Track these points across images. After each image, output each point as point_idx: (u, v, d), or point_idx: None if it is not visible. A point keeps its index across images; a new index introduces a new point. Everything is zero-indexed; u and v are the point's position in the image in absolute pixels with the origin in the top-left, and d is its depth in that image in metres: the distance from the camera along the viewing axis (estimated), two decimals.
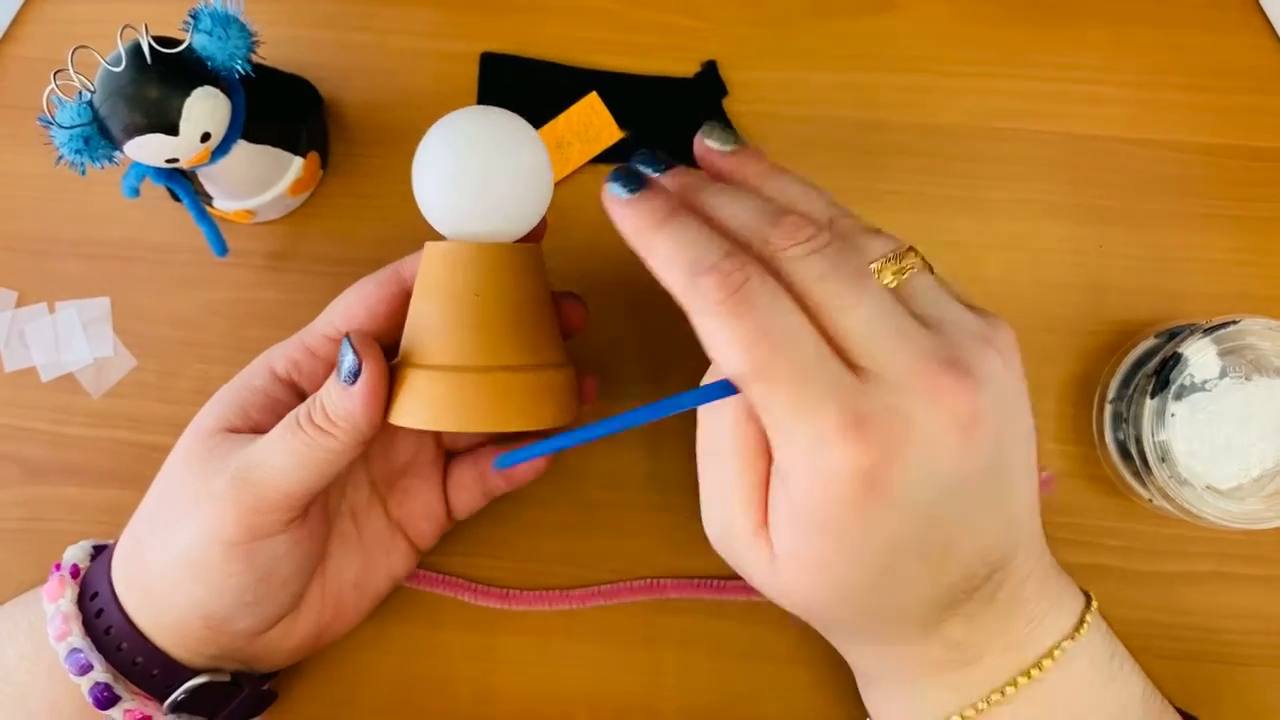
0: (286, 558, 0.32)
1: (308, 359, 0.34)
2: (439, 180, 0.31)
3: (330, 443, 0.30)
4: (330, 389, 0.31)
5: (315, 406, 0.31)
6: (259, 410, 0.33)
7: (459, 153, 0.31)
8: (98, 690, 0.32)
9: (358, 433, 0.30)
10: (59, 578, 0.34)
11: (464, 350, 0.31)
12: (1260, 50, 0.43)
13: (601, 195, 0.29)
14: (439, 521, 0.37)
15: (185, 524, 0.31)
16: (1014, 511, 0.28)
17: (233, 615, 0.32)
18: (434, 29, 0.44)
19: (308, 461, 0.30)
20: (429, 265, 0.32)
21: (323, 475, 0.31)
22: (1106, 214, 0.42)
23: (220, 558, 0.31)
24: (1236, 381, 0.36)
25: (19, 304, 0.42)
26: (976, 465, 0.26)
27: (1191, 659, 0.39)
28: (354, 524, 0.36)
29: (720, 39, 0.43)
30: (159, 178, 0.36)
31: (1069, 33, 0.43)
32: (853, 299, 0.26)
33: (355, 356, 0.30)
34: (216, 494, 0.31)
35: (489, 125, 0.31)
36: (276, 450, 0.31)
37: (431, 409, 0.30)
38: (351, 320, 0.34)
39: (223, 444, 0.32)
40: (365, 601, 0.37)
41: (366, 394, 0.30)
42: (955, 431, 0.25)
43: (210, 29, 0.33)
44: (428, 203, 0.32)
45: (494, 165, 0.31)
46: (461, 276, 0.31)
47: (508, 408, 0.30)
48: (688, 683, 0.39)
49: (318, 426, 0.30)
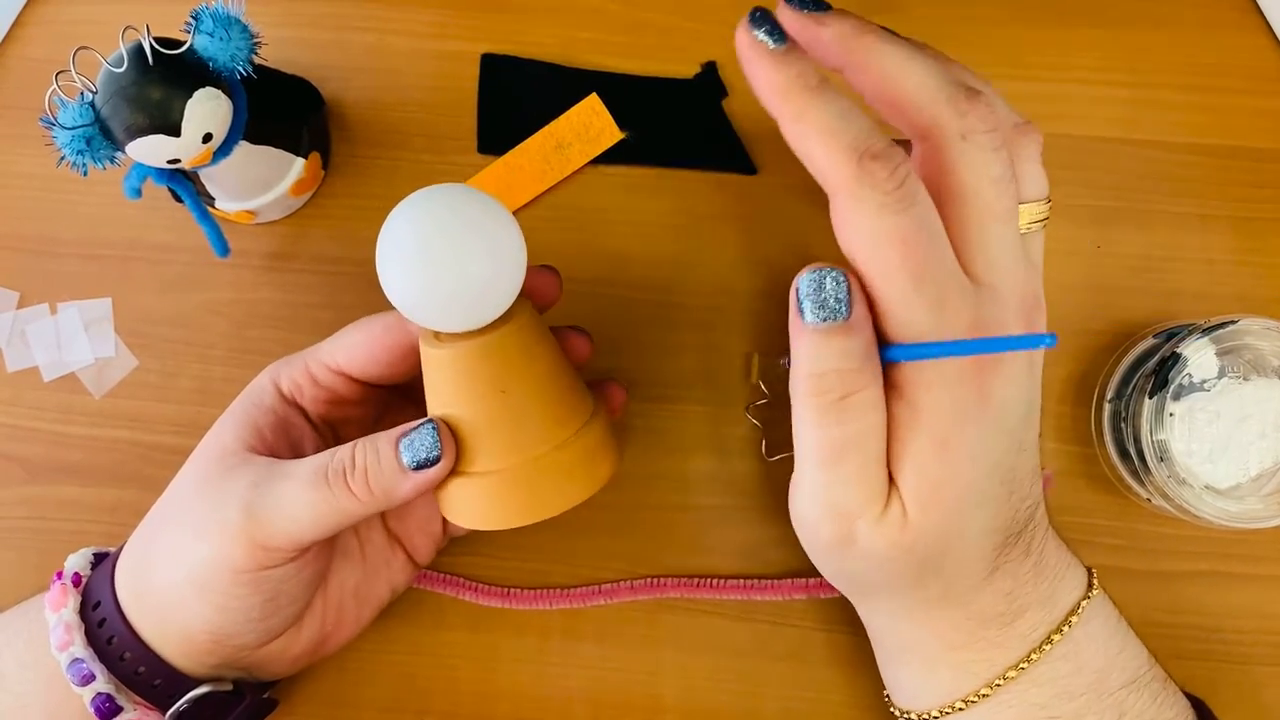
0: (293, 580, 0.32)
1: (310, 384, 0.34)
2: (415, 273, 0.28)
3: (355, 507, 0.30)
4: (380, 460, 0.30)
5: (354, 469, 0.30)
6: (272, 431, 0.33)
7: (430, 242, 0.28)
8: (100, 701, 0.32)
9: (388, 504, 0.30)
10: (61, 586, 0.33)
11: (507, 449, 0.30)
12: (1258, 50, 0.43)
13: (737, 37, 0.26)
14: (435, 537, 0.37)
15: (197, 546, 0.31)
16: (1028, 467, 0.30)
17: (238, 632, 0.32)
18: (434, 29, 0.44)
19: (324, 517, 0.30)
20: (438, 369, 0.30)
21: (335, 528, 0.31)
22: (1105, 214, 0.42)
23: (229, 583, 0.31)
24: (1235, 381, 0.36)
25: (21, 304, 0.42)
26: (1032, 399, 0.29)
27: (1190, 658, 0.39)
28: (356, 537, 0.36)
29: (720, 40, 0.44)
30: (161, 178, 0.36)
31: (1067, 33, 0.43)
32: (1008, 213, 0.27)
33: (438, 448, 0.30)
34: (228, 525, 0.30)
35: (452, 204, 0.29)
36: (296, 500, 0.30)
37: (497, 510, 0.30)
38: (354, 360, 0.33)
39: (239, 467, 0.32)
40: (366, 611, 0.36)
41: (423, 484, 0.30)
42: (1029, 364, 0.28)
43: (212, 30, 0.33)
44: (403, 297, 0.29)
45: (472, 250, 0.28)
46: (483, 376, 0.30)
47: (570, 485, 0.31)
48: (688, 683, 0.39)
49: (348, 490, 0.30)
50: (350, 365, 0.33)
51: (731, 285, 0.41)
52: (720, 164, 0.42)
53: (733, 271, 0.42)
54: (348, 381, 0.34)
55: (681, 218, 0.42)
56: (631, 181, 0.43)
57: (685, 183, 0.42)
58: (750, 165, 0.42)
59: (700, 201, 0.42)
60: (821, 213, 0.42)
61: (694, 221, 0.42)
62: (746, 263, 0.42)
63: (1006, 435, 0.28)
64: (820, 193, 0.44)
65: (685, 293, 0.42)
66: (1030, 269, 0.28)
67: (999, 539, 0.29)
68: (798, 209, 0.42)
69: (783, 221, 0.42)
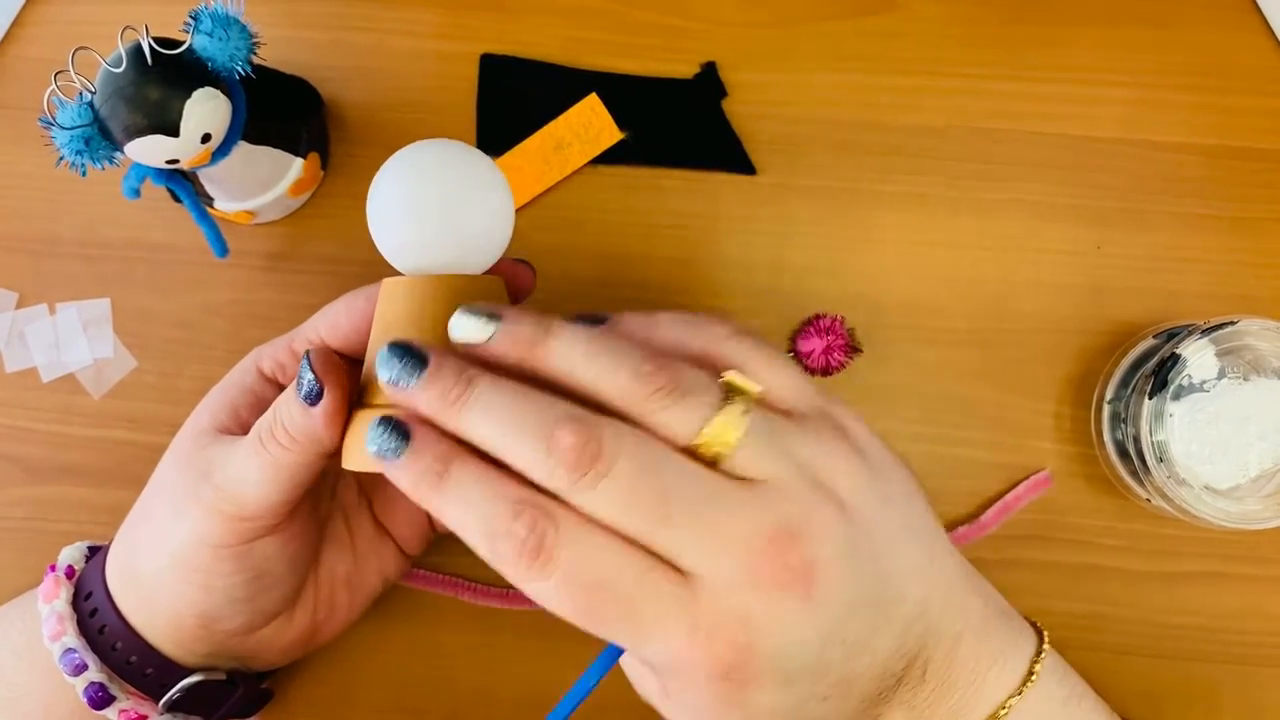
0: (276, 558, 0.32)
1: (292, 362, 0.34)
2: (394, 213, 0.30)
3: (293, 457, 0.30)
4: (290, 407, 0.29)
5: (276, 423, 0.30)
6: (248, 410, 0.33)
7: (414, 181, 0.30)
8: (92, 690, 0.32)
9: (319, 446, 0.30)
10: (54, 578, 0.34)
11: None
12: (1258, 51, 0.43)
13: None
14: (422, 529, 0.37)
15: (177, 526, 0.31)
16: (914, 598, 0.27)
17: (225, 614, 0.32)
18: (434, 29, 0.44)
19: (276, 474, 0.30)
20: (391, 301, 0.30)
21: (295, 484, 0.30)
22: (1104, 215, 0.42)
23: (211, 559, 0.31)
24: (1234, 382, 0.36)
25: (20, 305, 0.42)
26: (837, 608, 0.25)
27: (1190, 659, 0.39)
28: (345, 523, 0.36)
29: (720, 40, 0.44)
30: (159, 179, 0.36)
31: (1067, 33, 0.43)
32: (657, 520, 0.24)
33: (315, 379, 0.29)
34: (203, 500, 0.31)
35: (443, 153, 0.30)
36: (246, 464, 0.30)
37: None
38: (335, 331, 0.33)
39: (212, 445, 0.32)
40: (358, 599, 0.36)
41: (325, 415, 0.29)
42: (795, 601, 0.25)
43: (211, 30, 0.33)
44: (384, 236, 0.30)
45: (448, 191, 0.30)
46: (430, 311, 0.29)
47: None
48: None
49: (279, 443, 0.30)
50: (333, 337, 0.33)
51: (731, 285, 0.41)
52: (719, 164, 0.42)
53: (732, 271, 0.42)
54: None
55: (681, 218, 0.42)
56: (631, 181, 0.43)
57: (685, 183, 0.42)
58: (749, 165, 0.42)
59: (700, 201, 0.42)
60: (821, 213, 0.42)
61: (694, 221, 0.42)
62: (746, 263, 0.42)
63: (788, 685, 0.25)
64: (820, 192, 0.44)
65: (685, 293, 0.41)
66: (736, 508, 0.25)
67: (860, 708, 0.27)
68: (797, 209, 0.42)
69: (782, 221, 0.42)
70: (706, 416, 0.25)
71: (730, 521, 0.25)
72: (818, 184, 0.42)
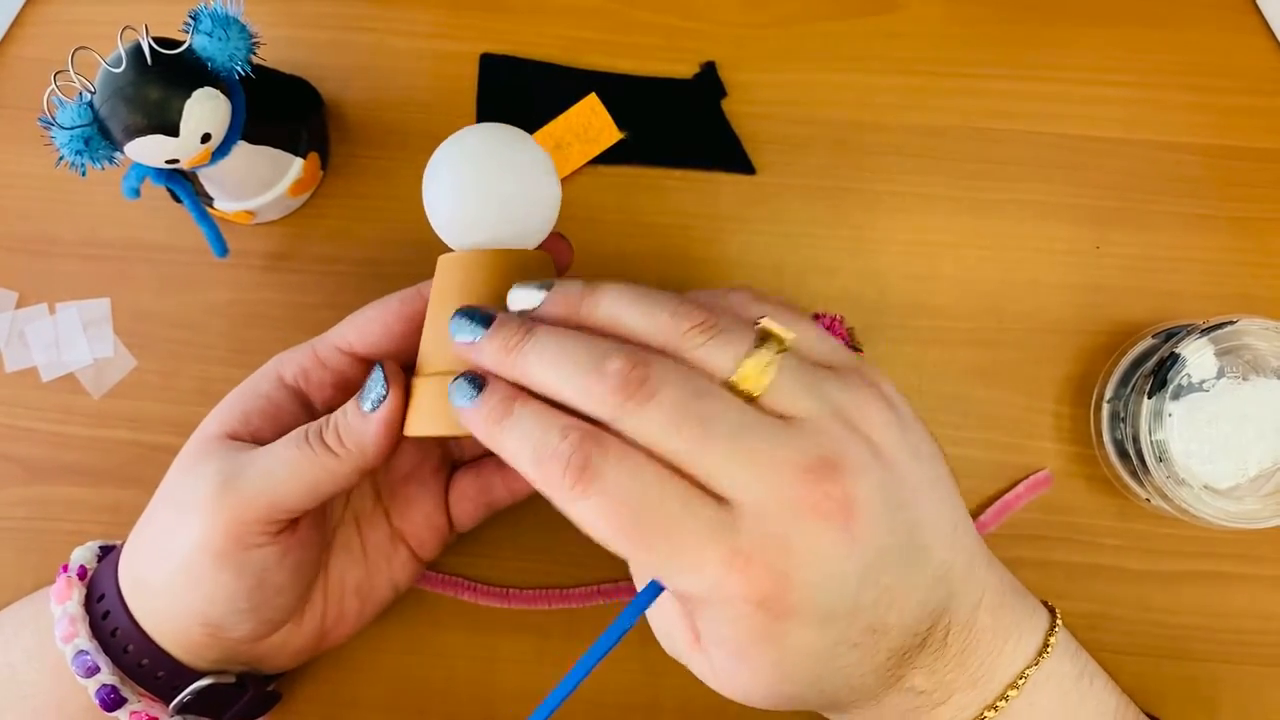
0: (277, 567, 0.32)
1: (317, 368, 0.34)
2: (451, 191, 0.31)
3: (333, 464, 0.30)
4: (349, 411, 0.31)
5: (329, 426, 0.31)
6: (260, 416, 0.33)
7: (467, 163, 0.31)
8: (104, 692, 0.32)
9: (363, 459, 0.30)
10: (66, 579, 0.34)
11: None
12: (1257, 51, 0.43)
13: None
14: (440, 532, 0.37)
15: (180, 531, 0.31)
16: (939, 558, 0.27)
17: (230, 623, 0.32)
18: (434, 29, 0.44)
19: (303, 476, 0.30)
20: (448, 276, 0.31)
21: (314, 494, 0.31)
22: (1104, 214, 0.42)
23: (211, 567, 0.31)
24: (1234, 381, 0.36)
25: (19, 304, 0.42)
26: (873, 547, 0.25)
27: (1189, 658, 0.39)
28: (357, 532, 0.36)
29: (719, 40, 0.44)
30: (159, 178, 0.36)
31: (1066, 33, 0.43)
32: (699, 443, 0.25)
33: (385, 387, 0.30)
34: (203, 501, 0.31)
35: (493, 137, 0.32)
36: (276, 460, 0.31)
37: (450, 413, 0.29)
38: (367, 336, 0.33)
39: (218, 449, 0.32)
40: (368, 608, 0.36)
41: (383, 422, 0.30)
42: (836, 533, 0.25)
43: (210, 30, 0.33)
44: (440, 215, 0.32)
45: (502, 171, 0.31)
46: (483, 282, 0.31)
47: None
48: (688, 683, 0.39)
49: (325, 445, 0.30)
50: (361, 342, 0.34)
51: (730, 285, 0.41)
52: (719, 164, 0.42)
53: (732, 271, 0.42)
54: (356, 363, 0.34)
55: (681, 218, 0.42)
56: (630, 181, 0.43)
57: (685, 183, 0.42)
58: (749, 165, 0.42)
59: (700, 201, 0.42)
60: (821, 213, 0.42)
61: (694, 221, 0.42)
62: (746, 263, 0.42)
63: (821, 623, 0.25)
64: (820, 192, 0.44)
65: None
66: (776, 439, 0.25)
67: (878, 673, 0.27)
68: (797, 209, 0.42)
69: (782, 221, 0.42)
70: (742, 354, 0.26)
71: (771, 450, 0.25)
72: (818, 184, 0.42)
